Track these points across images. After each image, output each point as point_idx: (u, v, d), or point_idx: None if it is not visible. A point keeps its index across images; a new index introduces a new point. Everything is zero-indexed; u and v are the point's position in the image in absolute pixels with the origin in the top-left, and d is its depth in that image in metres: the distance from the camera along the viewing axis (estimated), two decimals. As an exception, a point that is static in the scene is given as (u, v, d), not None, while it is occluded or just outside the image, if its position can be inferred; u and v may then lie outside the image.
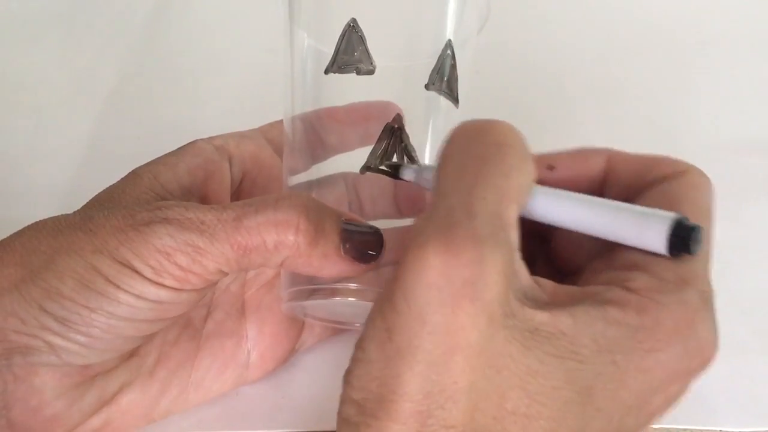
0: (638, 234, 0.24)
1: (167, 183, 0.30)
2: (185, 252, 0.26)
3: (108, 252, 0.26)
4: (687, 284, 0.24)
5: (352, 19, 0.29)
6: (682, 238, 0.24)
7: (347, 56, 0.29)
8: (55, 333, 0.26)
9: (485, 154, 0.24)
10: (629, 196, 0.27)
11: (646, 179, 0.27)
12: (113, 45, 0.55)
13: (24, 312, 0.26)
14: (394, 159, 0.30)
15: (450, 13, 0.30)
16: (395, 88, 0.30)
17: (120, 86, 0.51)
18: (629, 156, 0.28)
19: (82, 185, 0.32)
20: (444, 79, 0.29)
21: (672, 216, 0.24)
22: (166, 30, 0.56)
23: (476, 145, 0.24)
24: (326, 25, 0.30)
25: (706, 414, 0.32)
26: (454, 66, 0.30)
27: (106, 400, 0.29)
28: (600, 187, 0.28)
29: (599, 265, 0.26)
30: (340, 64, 0.29)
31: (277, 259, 0.27)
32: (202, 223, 0.27)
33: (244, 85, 0.51)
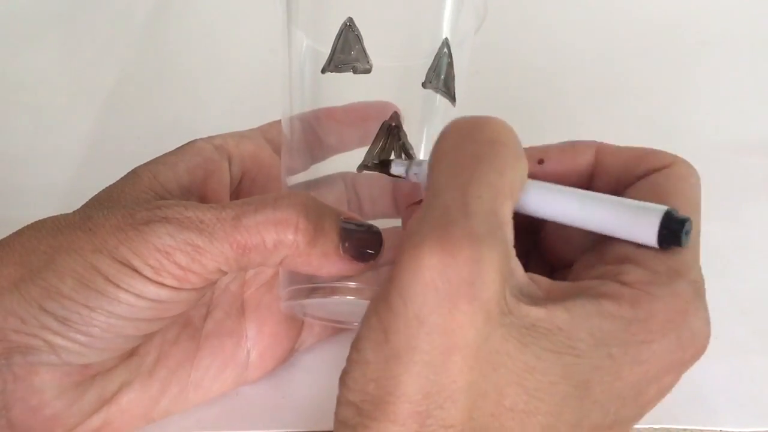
0: (629, 227, 0.24)
1: (167, 182, 0.30)
2: (185, 251, 0.26)
3: (107, 251, 0.26)
4: (679, 276, 0.24)
5: (349, 19, 0.29)
6: (672, 230, 0.24)
7: (344, 55, 0.29)
8: (54, 332, 0.26)
9: (479, 151, 0.24)
10: (617, 188, 0.27)
11: (634, 172, 0.27)
12: (113, 45, 0.55)
13: (24, 311, 0.26)
14: (392, 156, 0.30)
15: (447, 13, 0.30)
16: (392, 87, 0.30)
17: (120, 86, 0.51)
18: (617, 149, 0.28)
19: (82, 185, 0.32)
20: (441, 77, 0.29)
21: (661, 209, 0.24)
22: (166, 30, 0.56)
23: (470, 143, 0.24)
24: (324, 25, 0.30)
25: (706, 414, 0.32)
26: (451, 65, 0.30)
27: (105, 400, 0.29)
28: (588, 179, 0.28)
29: (590, 259, 0.26)
30: (337, 64, 0.29)
31: (276, 258, 0.27)
32: (201, 222, 0.27)
33: (243, 85, 0.51)
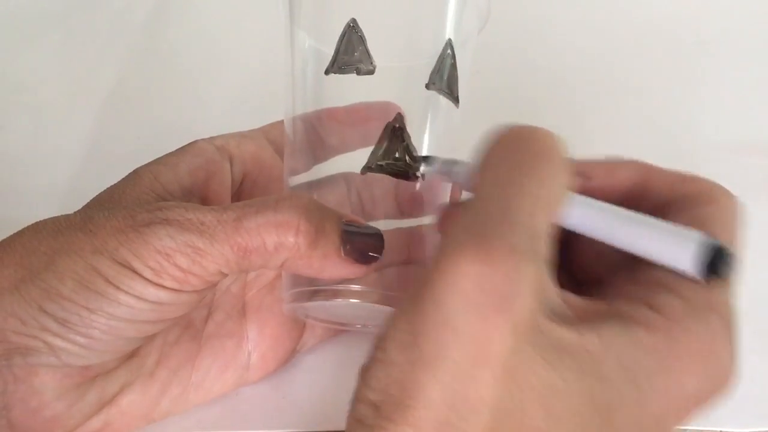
0: (671, 253, 0.24)
1: (168, 183, 0.30)
2: (185, 253, 0.26)
3: (108, 253, 0.26)
4: (713, 310, 0.24)
5: (352, 20, 0.29)
6: (716, 263, 0.23)
7: (347, 56, 0.29)
8: (54, 334, 0.26)
9: (526, 162, 0.23)
10: (661, 212, 0.27)
11: (680, 198, 0.27)
12: (113, 45, 0.55)
13: (24, 313, 0.26)
14: (396, 157, 0.30)
15: (450, 13, 0.30)
16: (395, 88, 0.30)
17: (120, 86, 0.51)
18: (663, 171, 0.28)
19: (82, 185, 0.32)
20: (444, 78, 0.29)
21: (709, 240, 0.23)
22: (166, 30, 0.56)
23: (517, 153, 0.24)
24: (327, 26, 0.30)
25: (706, 414, 0.32)
26: (454, 65, 0.30)
27: (106, 401, 0.29)
28: (630, 200, 0.28)
29: (622, 280, 0.26)
30: (340, 65, 0.29)
31: (277, 260, 0.27)
32: (202, 224, 0.27)
33: (244, 86, 0.50)
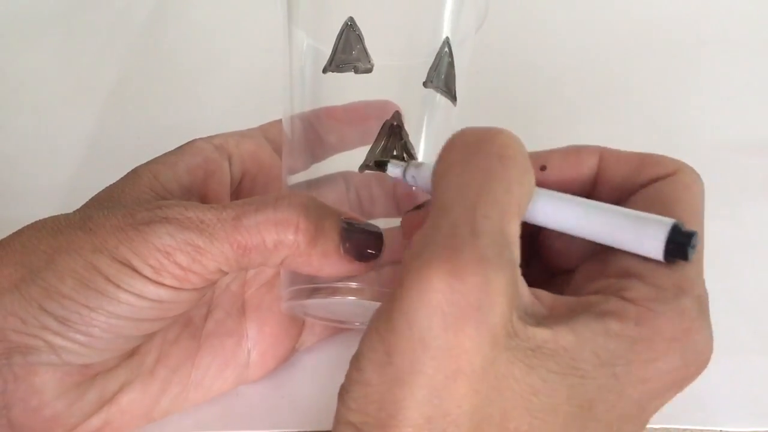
0: (634, 240, 0.24)
1: (167, 182, 0.30)
2: (185, 251, 0.26)
3: (108, 251, 0.26)
4: (683, 292, 0.24)
5: (350, 18, 0.29)
6: (679, 244, 0.23)
7: (345, 55, 0.29)
8: (54, 332, 0.26)
9: (487, 166, 0.23)
10: (622, 195, 0.27)
11: (638, 179, 0.27)
12: (113, 45, 0.55)
13: (24, 311, 0.26)
14: (394, 155, 0.30)
15: (448, 12, 0.30)
16: (393, 87, 0.30)
17: (120, 86, 0.51)
18: (621, 154, 0.28)
19: (82, 185, 0.32)
20: (442, 77, 0.29)
21: (669, 222, 0.23)
22: (166, 30, 0.56)
23: (477, 157, 0.23)
24: (325, 25, 0.30)
25: (706, 414, 0.32)
26: (451, 64, 0.30)
27: (106, 400, 0.29)
28: (592, 186, 0.28)
29: (592, 270, 0.26)
30: (338, 63, 0.29)
31: (276, 258, 0.27)
32: (201, 222, 0.27)
33: (243, 85, 0.51)
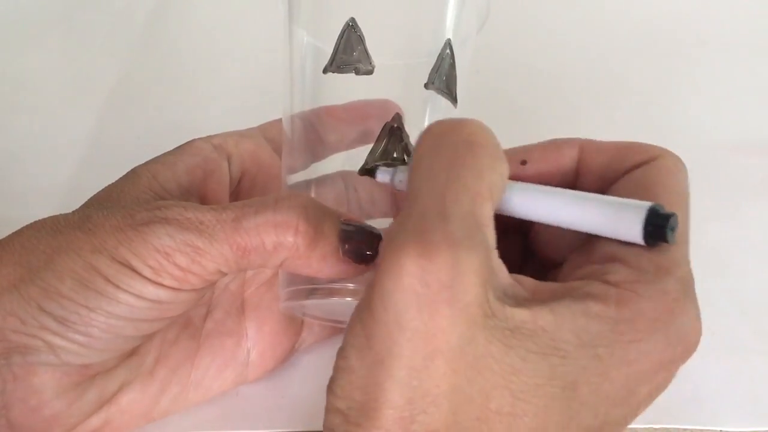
0: (614, 225, 0.24)
1: (166, 182, 0.30)
2: (184, 252, 0.26)
3: (107, 251, 0.26)
4: (666, 273, 0.24)
5: (351, 19, 0.29)
6: (658, 226, 0.23)
7: (346, 56, 0.29)
8: (54, 332, 0.26)
9: (456, 154, 0.24)
10: (604, 185, 0.27)
11: (619, 167, 0.27)
12: (113, 45, 0.55)
13: (23, 311, 0.26)
14: (395, 156, 0.30)
15: (449, 12, 0.30)
16: (394, 87, 0.30)
17: (120, 86, 0.51)
18: (601, 144, 0.28)
19: (82, 185, 0.32)
20: (443, 78, 0.29)
21: (645, 205, 0.24)
22: (166, 30, 0.56)
23: (446, 146, 0.24)
24: (326, 24, 0.30)
25: (706, 414, 0.32)
26: (453, 65, 0.30)
27: (105, 400, 0.29)
28: (574, 178, 0.28)
29: (578, 259, 0.26)
30: (339, 64, 0.29)
31: (276, 260, 0.27)
32: (201, 223, 0.27)
33: (243, 85, 0.51)
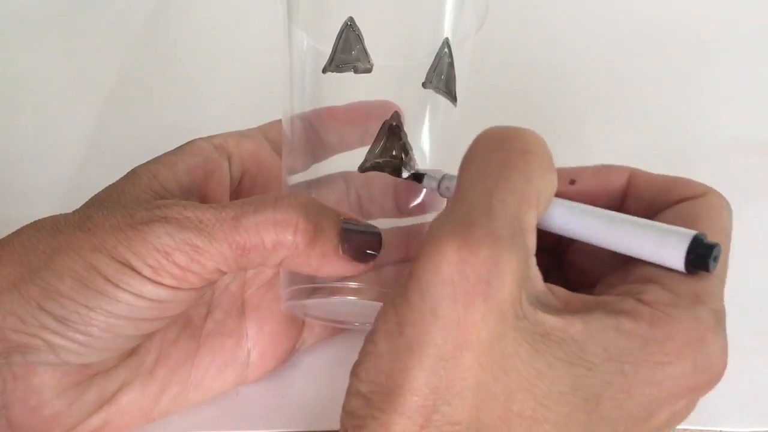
0: (656, 249, 0.24)
1: (166, 182, 0.30)
2: (184, 251, 0.26)
3: (107, 251, 0.26)
4: (701, 301, 0.24)
5: (350, 18, 0.29)
6: (700, 255, 0.24)
7: (345, 55, 0.29)
8: (54, 332, 0.26)
9: (508, 159, 0.24)
10: (648, 214, 0.27)
11: (665, 198, 0.27)
12: (113, 45, 0.55)
13: (23, 311, 0.26)
14: (393, 155, 0.30)
15: (448, 12, 0.30)
16: (393, 87, 0.30)
17: (120, 86, 0.51)
18: (651, 175, 0.28)
19: (82, 185, 0.32)
20: (442, 77, 0.29)
21: (691, 233, 0.24)
22: (166, 30, 0.56)
23: (500, 150, 0.24)
24: (325, 25, 0.30)
25: (706, 414, 0.32)
26: (451, 64, 0.30)
27: (105, 400, 0.29)
28: (619, 204, 0.28)
29: (613, 279, 0.26)
30: (338, 63, 0.29)
31: (275, 258, 0.27)
32: (200, 222, 0.27)
33: (243, 85, 0.51)
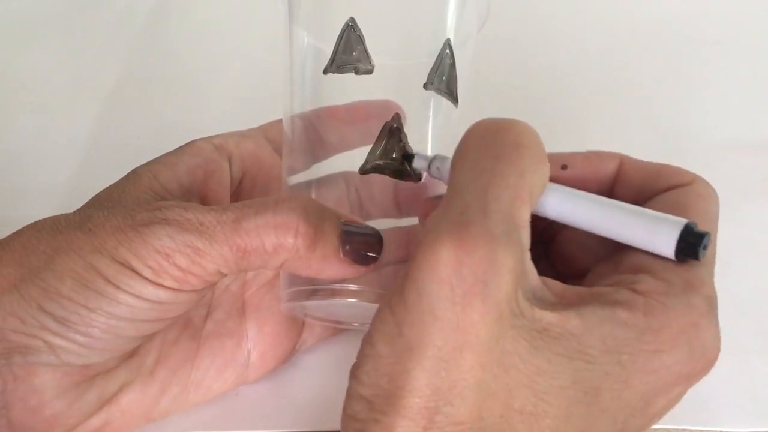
0: (648, 237, 0.25)
1: (167, 183, 0.30)
2: (184, 253, 0.26)
3: (107, 252, 0.26)
4: (693, 289, 0.24)
5: (351, 19, 0.29)
6: (690, 243, 0.24)
7: (346, 56, 0.29)
8: (54, 333, 0.26)
9: (501, 153, 0.24)
10: (638, 200, 0.28)
11: (655, 186, 0.28)
12: (113, 45, 0.55)
13: (23, 312, 0.26)
14: (393, 157, 0.30)
15: (450, 12, 0.30)
16: (394, 87, 0.30)
17: (120, 86, 0.51)
18: (640, 163, 0.29)
19: (82, 185, 0.32)
20: (443, 78, 0.29)
21: (681, 221, 0.24)
22: (166, 30, 0.56)
23: (493, 144, 0.24)
24: (326, 24, 0.30)
25: (706, 414, 0.32)
26: (453, 65, 0.30)
27: (106, 400, 0.29)
28: (609, 190, 0.29)
29: (605, 269, 0.27)
30: (339, 64, 0.29)
31: (276, 261, 0.27)
32: (201, 224, 0.27)
33: (244, 85, 0.51)
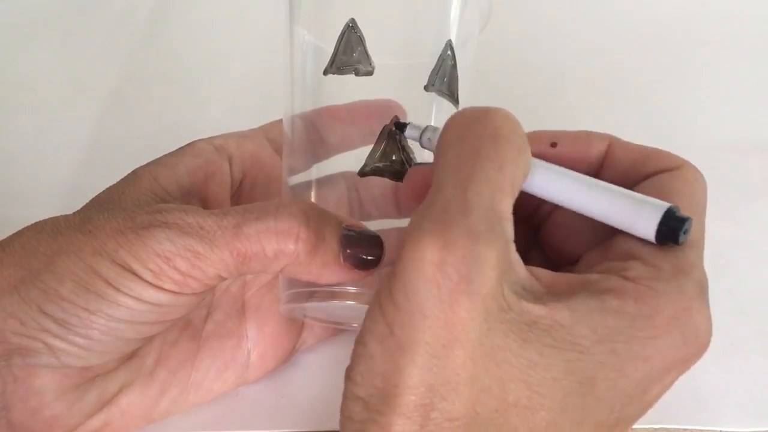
0: (630, 218, 0.25)
1: (167, 184, 0.30)
2: (185, 257, 0.26)
3: (107, 254, 0.26)
4: (684, 273, 0.24)
5: (351, 20, 0.29)
6: (672, 227, 0.24)
7: (346, 57, 0.29)
8: (54, 335, 0.26)
9: (480, 146, 0.24)
10: (625, 183, 0.27)
11: (642, 169, 0.28)
12: (113, 45, 0.55)
13: (23, 313, 0.26)
14: (393, 159, 0.30)
15: (451, 13, 0.30)
16: (395, 87, 0.30)
17: (120, 86, 0.51)
18: (629, 145, 0.29)
19: (82, 185, 0.32)
20: (444, 79, 0.29)
21: (664, 205, 0.24)
22: (167, 30, 0.56)
23: (472, 137, 0.24)
24: (327, 23, 0.30)
25: (706, 414, 0.32)
26: (454, 66, 0.30)
27: (105, 401, 0.29)
28: (597, 170, 0.29)
29: (594, 256, 0.27)
30: (339, 65, 0.29)
31: (276, 266, 0.27)
32: (201, 228, 0.27)
33: (244, 85, 0.51)
